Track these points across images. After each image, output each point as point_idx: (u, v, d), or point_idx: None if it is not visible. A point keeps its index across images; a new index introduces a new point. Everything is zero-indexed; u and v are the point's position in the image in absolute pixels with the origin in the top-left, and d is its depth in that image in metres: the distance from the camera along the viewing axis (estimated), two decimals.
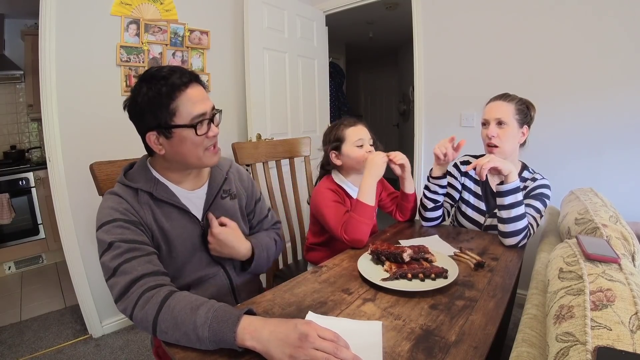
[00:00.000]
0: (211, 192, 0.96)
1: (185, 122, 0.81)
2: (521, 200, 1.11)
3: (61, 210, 1.72)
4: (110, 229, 0.79)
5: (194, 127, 0.81)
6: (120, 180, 0.88)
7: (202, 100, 0.83)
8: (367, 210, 1.14)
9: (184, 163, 0.87)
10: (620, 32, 1.65)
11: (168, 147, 0.84)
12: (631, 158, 1.69)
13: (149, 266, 0.76)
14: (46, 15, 1.59)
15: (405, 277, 0.88)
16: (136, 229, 0.81)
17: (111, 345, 1.78)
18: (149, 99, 0.79)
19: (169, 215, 0.88)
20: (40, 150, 3.18)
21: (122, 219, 0.80)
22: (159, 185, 0.88)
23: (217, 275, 0.97)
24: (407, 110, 5.09)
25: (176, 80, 0.79)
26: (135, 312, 0.70)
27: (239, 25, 2.29)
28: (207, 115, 0.84)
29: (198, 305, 0.67)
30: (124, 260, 0.75)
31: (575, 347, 0.48)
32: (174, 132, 0.81)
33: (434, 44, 2.24)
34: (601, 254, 0.67)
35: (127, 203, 0.83)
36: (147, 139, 0.84)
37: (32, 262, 2.82)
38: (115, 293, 0.74)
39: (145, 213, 0.85)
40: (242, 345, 0.62)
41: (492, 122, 1.25)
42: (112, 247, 0.77)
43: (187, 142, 0.83)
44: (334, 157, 1.29)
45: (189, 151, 0.84)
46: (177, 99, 0.79)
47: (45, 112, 1.64)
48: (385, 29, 4.13)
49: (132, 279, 0.73)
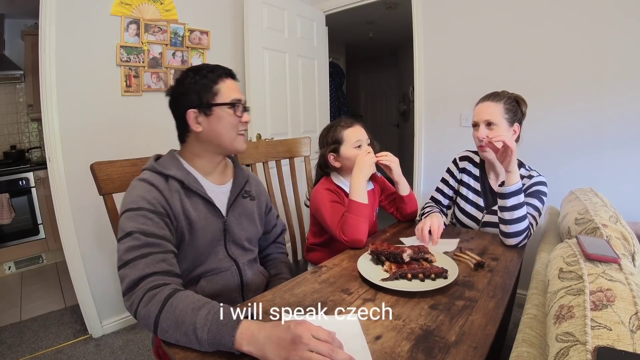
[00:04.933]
0: (235, 190, 1.02)
1: (224, 101, 0.91)
2: (523, 202, 1.11)
3: (61, 210, 1.72)
4: (134, 217, 0.80)
5: (233, 105, 0.92)
6: (151, 167, 0.90)
7: (239, 91, 0.96)
8: (361, 208, 1.14)
9: (217, 143, 0.94)
10: (620, 33, 1.65)
11: (206, 124, 0.92)
12: (631, 158, 1.69)
13: (162, 265, 0.77)
14: (46, 15, 1.59)
15: (405, 277, 0.88)
16: (160, 221, 0.82)
17: (111, 345, 1.78)
18: (195, 82, 0.91)
19: (196, 205, 0.92)
20: (40, 150, 3.18)
21: (147, 209, 0.82)
22: (190, 176, 0.93)
23: (230, 270, 0.99)
24: (407, 110, 5.09)
25: (220, 70, 0.94)
26: (139, 309, 0.70)
27: (239, 25, 2.29)
28: (242, 102, 0.95)
29: (199, 306, 0.67)
30: (139, 254, 0.76)
31: (575, 347, 0.48)
32: (214, 110, 0.91)
33: (434, 44, 2.24)
34: (601, 254, 0.67)
35: (157, 191, 0.85)
36: (187, 116, 0.91)
37: (32, 262, 2.82)
38: (124, 286, 0.74)
39: (174, 201, 0.87)
40: (240, 349, 0.62)
41: (481, 124, 1.25)
42: (131, 236, 0.78)
43: (223, 120, 0.92)
44: (332, 159, 1.29)
45: (224, 130, 0.92)
46: (219, 84, 0.92)
47: (45, 112, 1.64)
48: (385, 29, 4.12)
49: (142, 275, 0.74)
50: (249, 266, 1.04)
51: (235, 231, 1.00)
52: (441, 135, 2.30)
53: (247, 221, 1.04)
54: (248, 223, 1.04)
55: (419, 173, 2.40)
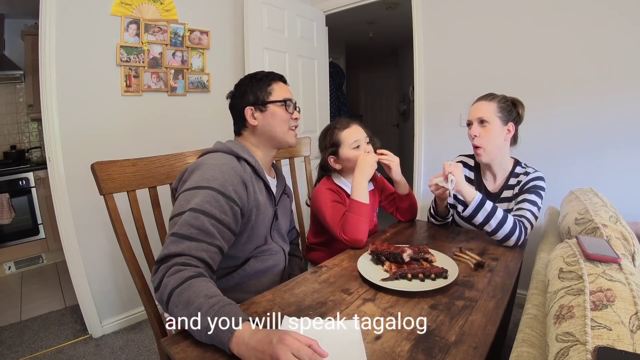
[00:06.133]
0: (280, 185, 1.14)
1: (277, 99, 1.03)
2: (494, 208, 1.10)
3: (61, 210, 1.72)
4: (202, 195, 0.83)
5: (285, 102, 1.03)
6: (227, 149, 0.97)
7: (289, 92, 1.08)
8: (362, 208, 1.15)
9: (271, 135, 1.04)
10: (620, 33, 1.65)
11: (261, 119, 1.03)
12: (631, 158, 1.69)
13: (203, 254, 0.79)
14: (46, 15, 1.59)
15: (405, 277, 0.88)
16: (226, 205, 0.85)
17: (111, 345, 1.78)
18: (252, 84, 1.04)
19: (261, 190, 1.00)
20: (40, 150, 3.18)
21: (218, 190, 0.85)
22: (257, 163, 1.01)
23: (279, 254, 1.09)
24: (407, 110, 5.09)
25: (273, 75, 1.07)
26: (164, 278, 0.72)
27: (239, 25, 2.29)
28: (293, 101, 1.06)
29: (214, 294, 0.69)
30: (189, 235, 0.79)
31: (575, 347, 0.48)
32: (268, 107, 1.03)
33: (434, 44, 2.24)
34: (601, 254, 0.67)
35: (234, 173, 0.90)
36: (245, 112, 1.02)
37: (32, 262, 2.82)
38: (161, 254, 0.77)
39: (248, 182, 0.94)
40: (233, 350, 0.62)
41: (474, 122, 1.27)
42: (194, 212, 0.80)
43: (277, 116, 1.03)
44: (332, 162, 1.29)
45: (278, 124, 1.03)
46: (272, 85, 1.04)
47: (45, 112, 1.64)
48: (385, 29, 4.12)
49: (180, 252, 0.76)
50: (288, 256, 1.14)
51: (280, 221, 1.11)
52: (441, 135, 2.30)
53: (285, 216, 1.17)
54: (286, 217, 1.17)
55: (419, 173, 2.40)
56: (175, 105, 2.06)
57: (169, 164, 1.12)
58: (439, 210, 1.32)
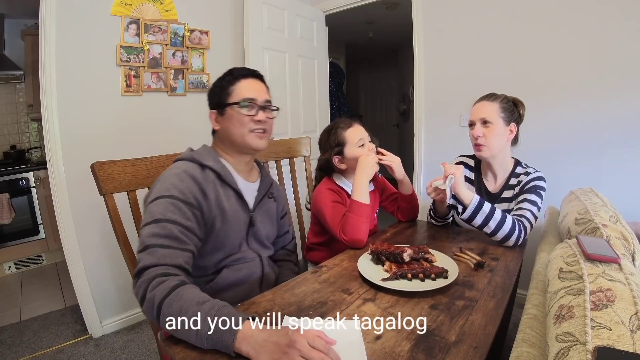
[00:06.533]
0: (263, 189, 1.09)
1: (235, 101, 0.96)
2: (492, 209, 1.11)
3: (61, 210, 1.72)
4: (164, 204, 0.82)
5: (239, 104, 0.96)
6: (189, 157, 0.95)
7: (256, 90, 0.99)
8: (363, 208, 1.14)
9: (230, 140, 0.99)
10: (620, 33, 1.65)
11: (222, 123, 0.99)
12: (631, 158, 1.69)
13: (178, 260, 0.78)
14: (46, 15, 1.59)
15: (405, 277, 0.88)
16: (188, 212, 0.85)
17: (111, 345, 1.78)
18: (216, 85, 1.01)
19: (228, 197, 0.97)
20: (40, 150, 3.18)
21: (179, 198, 0.84)
22: (225, 169, 0.98)
23: (254, 262, 1.04)
24: (407, 110, 5.09)
25: (236, 73, 1.00)
26: (147, 292, 0.71)
27: (239, 25, 2.29)
28: (257, 102, 0.98)
29: (205, 300, 0.68)
30: (160, 244, 0.78)
31: (575, 347, 0.48)
32: (227, 109, 0.97)
33: (434, 44, 2.24)
34: (601, 254, 0.67)
35: (192, 180, 0.89)
36: (209, 116, 1.00)
37: (32, 262, 2.82)
38: (137, 268, 0.76)
39: (210, 190, 0.92)
40: (238, 350, 0.61)
41: (477, 123, 1.26)
42: (157, 223, 0.80)
43: (234, 119, 0.97)
44: (337, 161, 1.28)
45: (235, 128, 0.97)
46: (234, 85, 0.98)
47: (45, 112, 1.64)
48: (385, 29, 4.12)
49: (156, 263, 0.75)
50: (267, 261, 1.09)
51: (259, 227, 1.05)
52: (441, 135, 2.30)
53: (268, 220, 1.11)
54: (269, 222, 1.11)
55: (419, 173, 2.40)
56: (175, 106, 2.06)
57: (169, 164, 1.11)
58: (438, 212, 1.32)
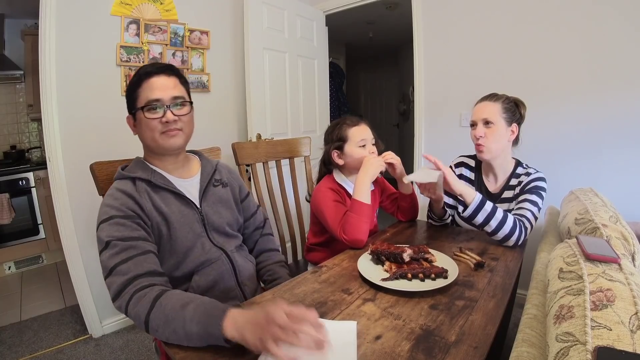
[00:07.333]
0: (204, 180, 1.03)
1: (139, 105, 0.90)
2: (493, 208, 1.10)
3: (61, 210, 1.72)
4: (107, 227, 0.81)
5: (142, 109, 0.89)
6: (118, 175, 0.93)
7: (162, 89, 0.90)
8: (364, 208, 1.14)
9: (147, 145, 0.95)
10: (619, 33, 1.65)
11: (137, 128, 0.94)
12: (631, 158, 1.69)
13: (145, 265, 0.78)
14: (46, 15, 1.59)
15: (405, 277, 0.88)
16: (132, 224, 0.83)
17: (111, 345, 1.78)
18: (127, 88, 0.95)
19: (166, 200, 0.93)
20: (40, 150, 3.18)
21: (118, 216, 0.83)
22: (156, 174, 0.94)
23: (220, 260, 0.99)
24: (407, 110, 5.09)
25: (142, 71, 0.91)
26: (129, 310, 0.72)
27: (239, 25, 2.29)
28: (163, 102, 0.90)
29: (187, 302, 0.68)
30: (120, 260, 0.77)
31: (575, 347, 0.48)
32: (137, 115, 0.91)
33: (434, 44, 2.24)
34: (601, 254, 0.67)
35: (125, 195, 0.86)
36: (127, 121, 0.96)
37: (32, 262, 2.82)
38: (111, 292, 0.77)
39: (144, 201, 0.88)
40: (231, 337, 0.62)
41: (479, 123, 1.26)
42: (109, 246, 0.79)
43: (142, 124, 0.91)
44: (335, 156, 1.29)
45: (145, 133, 0.92)
46: (140, 87, 0.90)
47: (45, 112, 1.64)
48: (385, 29, 4.13)
49: (127, 280, 0.75)
50: (237, 252, 1.04)
51: (214, 219, 1.00)
52: (441, 135, 2.30)
53: (223, 208, 1.04)
54: (224, 209, 1.04)
55: None
56: None
57: None
58: (434, 212, 1.32)
